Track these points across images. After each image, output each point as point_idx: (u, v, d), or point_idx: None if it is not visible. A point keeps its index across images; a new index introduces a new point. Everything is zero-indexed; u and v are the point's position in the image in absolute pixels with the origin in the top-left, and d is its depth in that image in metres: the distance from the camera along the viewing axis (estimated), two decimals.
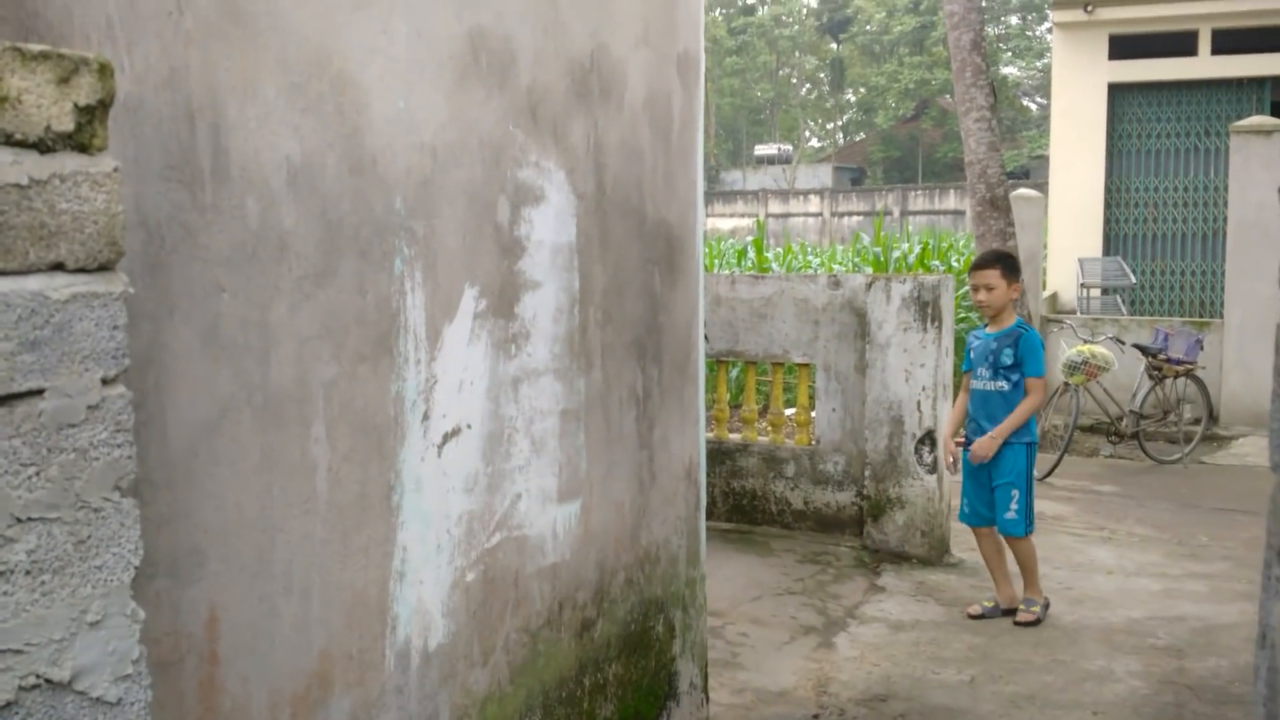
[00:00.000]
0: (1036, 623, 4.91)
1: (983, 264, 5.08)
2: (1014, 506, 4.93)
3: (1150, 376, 8.99)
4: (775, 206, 36.24)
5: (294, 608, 1.84)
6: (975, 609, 4.99)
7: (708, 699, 3.44)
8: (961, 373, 5.19)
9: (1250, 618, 5.01)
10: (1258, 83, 13.55)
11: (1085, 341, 9.02)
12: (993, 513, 4.99)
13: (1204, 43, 13.62)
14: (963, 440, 5.09)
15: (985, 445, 4.87)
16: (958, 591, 5.41)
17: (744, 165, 49.72)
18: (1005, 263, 5.04)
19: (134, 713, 1.33)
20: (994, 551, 5.07)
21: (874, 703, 4.09)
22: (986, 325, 5.10)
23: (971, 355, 5.07)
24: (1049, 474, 8.13)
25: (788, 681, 4.31)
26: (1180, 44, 13.72)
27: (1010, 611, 5.00)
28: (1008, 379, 4.90)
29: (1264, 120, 10.25)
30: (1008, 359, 4.89)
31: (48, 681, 1.23)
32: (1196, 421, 9.32)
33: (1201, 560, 5.99)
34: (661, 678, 3.13)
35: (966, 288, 5.13)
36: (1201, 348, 9.06)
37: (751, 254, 15.88)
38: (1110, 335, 9.43)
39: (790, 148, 50.60)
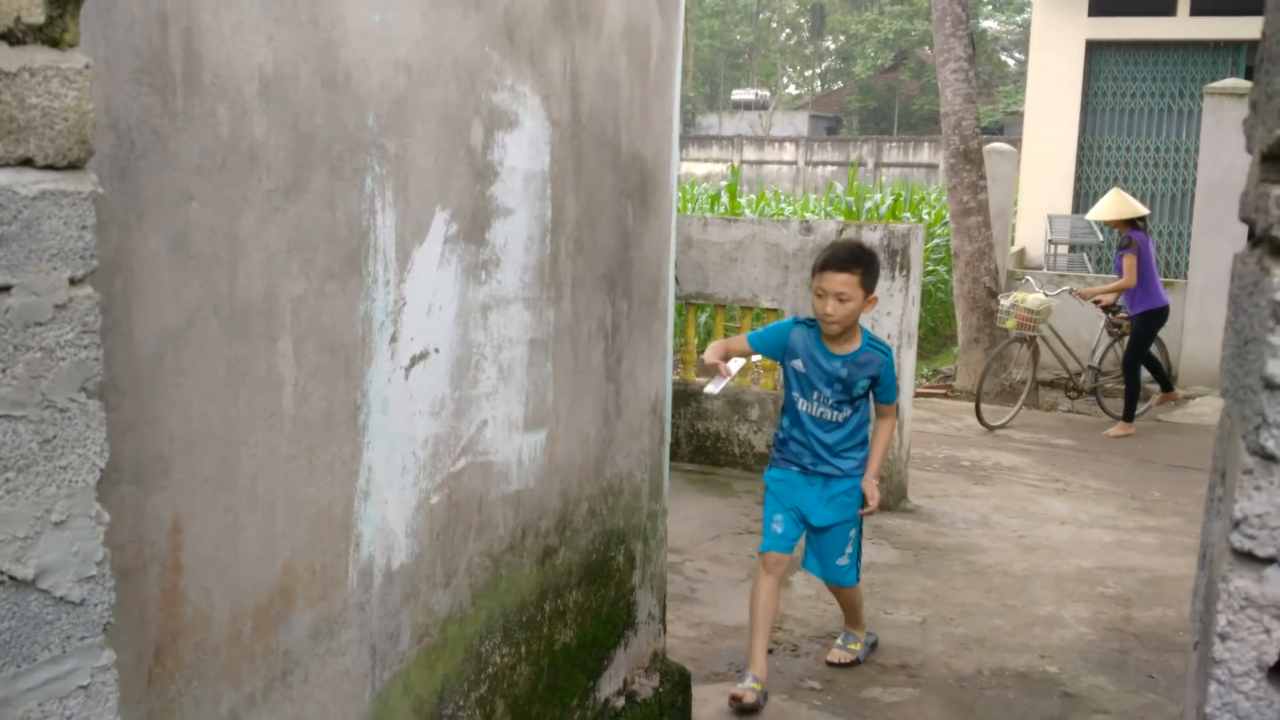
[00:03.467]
0: (854, 663, 4.02)
1: (840, 264, 3.64)
2: (848, 551, 3.92)
3: (1110, 333, 9.10)
4: (750, 153, 36.03)
5: (258, 521, 1.84)
6: (749, 696, 3.68)
7: (665, 630, 3.50)
8: (748, 342, 4.01)
9: None
10: (1234, 46, 13.57)
11: (1032, 293, 9.10)
12: (799, 536, 3.95)
13: (1183, 3, 13.61)
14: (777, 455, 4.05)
15: (875, 493, 3.88)
16: (913, 536, 5.50)
17: (720, 110, 49.34)
18: (868, 266, 3.69)
19: (97, 614, 1.33)
20: (772, 598, 3.86)
21: (827, 640, 4.18)
22: (816, 330, 3.78)
23: (795, 367, 3.82)
24: (1004, 424, 8.25)
25: (744, 617, 4.38)
26: (1159, 3, 13.70)
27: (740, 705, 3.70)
28: (854, 408, 3.82)
29: (1238, 83, 10.30)
30: (862, 388, 3.78)
31: (11, 578, 1.23)
32: (1155, 380, 9.45)
33: (1154, 514, 6.12)
34: (621, 607, 3.17)
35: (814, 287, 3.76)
36: None
37: (725, 199, 15.84)
38: (1070, 290, 9.51)
39: (767, 93, 50.25)
